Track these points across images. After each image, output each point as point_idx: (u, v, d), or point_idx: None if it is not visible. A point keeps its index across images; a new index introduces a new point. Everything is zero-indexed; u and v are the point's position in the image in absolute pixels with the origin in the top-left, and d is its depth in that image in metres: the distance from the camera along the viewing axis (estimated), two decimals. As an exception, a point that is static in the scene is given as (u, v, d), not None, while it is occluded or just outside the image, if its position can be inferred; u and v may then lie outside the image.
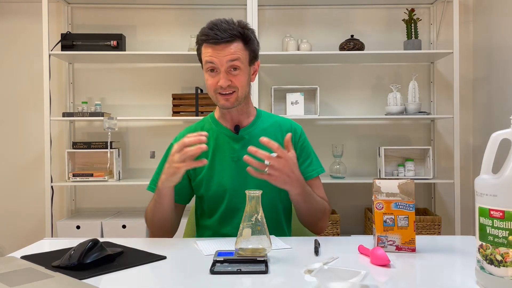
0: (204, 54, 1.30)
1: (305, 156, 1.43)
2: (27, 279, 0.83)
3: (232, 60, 1.27)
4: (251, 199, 1.03)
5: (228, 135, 1.40)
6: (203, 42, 1.29)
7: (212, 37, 1.26)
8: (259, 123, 1.43)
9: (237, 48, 1.28)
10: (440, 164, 2.90)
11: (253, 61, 1.35)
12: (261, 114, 1.47)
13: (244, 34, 1.30)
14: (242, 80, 1.31)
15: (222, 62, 1.27)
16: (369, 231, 2.70)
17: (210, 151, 1.39)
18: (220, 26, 1.27)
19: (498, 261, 0.77)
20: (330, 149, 2.79)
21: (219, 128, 1.41)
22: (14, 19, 2.87)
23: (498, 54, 2.57)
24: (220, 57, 1.27)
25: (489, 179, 0.80)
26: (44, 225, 2.61)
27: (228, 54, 1.27)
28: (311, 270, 0.90)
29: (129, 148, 2.89)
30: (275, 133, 1.42)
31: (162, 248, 1.13)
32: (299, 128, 1.46)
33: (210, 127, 1.43)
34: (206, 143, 1.25)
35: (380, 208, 1.08)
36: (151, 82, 2.89)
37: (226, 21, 1.29)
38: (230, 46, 1.27)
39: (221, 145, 1.39)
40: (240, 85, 1.30)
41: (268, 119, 1.46)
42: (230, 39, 1.27)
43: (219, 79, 1.28)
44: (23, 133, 2.88)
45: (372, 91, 2.90)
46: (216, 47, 1.27)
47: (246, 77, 1.33)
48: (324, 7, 2.90)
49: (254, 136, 1.40)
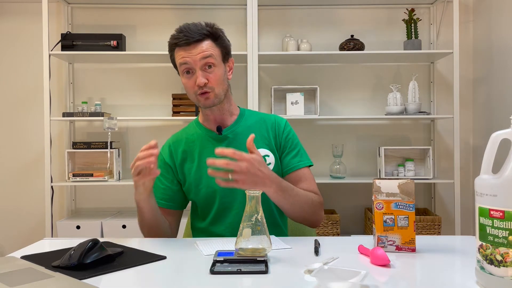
0: (177, 57, 1.32)
1: (290, 147, 1.42)
2: (27, 279, 0.83)
3: (205, 57, 1.29)
4: (251, 199, 1.03)
5: (212, 137, 1.40)
6: (175, 47, 1.32)
7: (182, 39, 1.29)
8: (242, 122, 1.43)
9: (208, 45, 1.30)
10: (440, 164, 2.90)
11: (226, 57, 1.37)
12: (244, 112, 1.47)
13: (212, 32, 1.32)
14: (218, 77, 1.32)
15: (195, 60, 1.28)
16: (369, 231, 2.70)
17: (196, 155, 1.40)
18: (188, 28, 1.30)
19: (498, 261, 0.77)
20: (330, 149, 2.79)
21: (202, 131, 1.42)
22: (14, 19, 2.87)
23: (498, 54, 2.57)
24: (193, 56, 1.28)
25: (489, 179, 0.80)
26: (44, 225, 2.61)
27: (200, 52, 1.28)
28: (311, 270, 0.90)
29: (129, 148, 2.89)
30: (260, 129, 1.42)
31: (162, 248, 1.13)
32: (282, 121, 1.46)
33: (194, 131, 1.44)
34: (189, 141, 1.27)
35: (380, 208, 1.08)
36: (151, 82, 2.89)
37: (193, 24, 1.32)
38: (201, 44, 1.29)
39: (206, 147, 1.40)
40: (217, 83, 1.31)
41: (252, 116, 1.46)
42: (200, 37, 1.29)
43: (195, 79, 1.29)
44: (23, 133, 2.88)
45: (372, 91, 2.90)
46: (187, 48, 1.29)
47: (222, 73, 1.34)
48: (324, 7, 2.90)
49: (238, 134, 1.40)
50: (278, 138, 1.42)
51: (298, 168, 1.40)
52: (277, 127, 1.43)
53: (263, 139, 1.41)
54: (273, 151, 1.41)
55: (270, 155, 1.40)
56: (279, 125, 1.44)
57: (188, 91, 1.34)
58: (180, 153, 1.42)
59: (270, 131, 1.43)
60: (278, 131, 1.43)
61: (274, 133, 1.43)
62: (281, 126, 1.44)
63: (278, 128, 1.43)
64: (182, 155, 1.42)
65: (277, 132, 1.43)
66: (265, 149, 1.40)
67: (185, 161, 1.41)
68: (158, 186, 1.41)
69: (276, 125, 1.44)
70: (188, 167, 1.40)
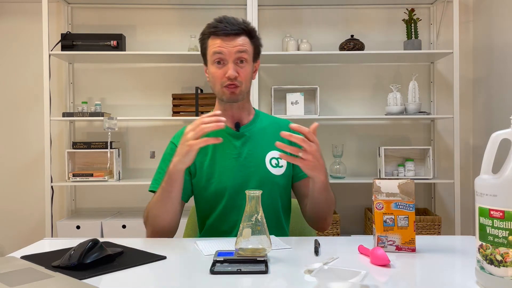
0: (211, 46, 1.32)
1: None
2: (27, 279, 0.83)
3: (240, 52, 1.30)
4: (251, 199, 1.03)
5: (229, 133, 1.40)
6: (211, 35, 1.32)
7: (221, 28, 1.30)
8: (258, 122, 1.44)
9: (245, 41, 1.32)
10: (440, 164, 2.90)
11: (256, 57, 1.39)
12: (259, 113, 1.49)
13: (250, 29, 1.34)
14: (247, 73, 1.34)
15: (231, 53, 1.30)
16: (369, 231, 2.70)
17: (210, 149, 1.39)
18: (228, 20, 1.32)
19: (498, 261, 0.77)
20: (330, 149, 2.79)
21: None
22: (14, 19, 2.87)
23: (498, 54, 2.57)
24: (229, 48, 1.30)
25: (489, 179, 0.80)
26: (44, 225, 2.61)
27: (237, 45, 1.30)
28: (311, 270, 0.90)
29: (129, 148, 2.89)
30: (274, 132, 1.42)
31: (162, 248, 1.13)
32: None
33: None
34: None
35: (380, 208, 1.08)
36: (151, 82, 2.89)
37: (232, 17, 1.34)
38: (238, 38, 1.31)
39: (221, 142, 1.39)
40: (245, 78, 1.33)
41: (267, 119, 1.48)
42: (239, 31, 1.31)
43: (226, 71, 1.30)
44: (23, 133, 2.88)
45: (372, 91, 2.90)
46: (225, 38, 1.30)
47: (250, 72, 1.36)
48: (324, 7, 2.90)
49: (254, 134, 1.41)
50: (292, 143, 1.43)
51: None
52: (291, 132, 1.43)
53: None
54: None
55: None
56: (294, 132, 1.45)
57: (215, 81, 1.34)
58: None
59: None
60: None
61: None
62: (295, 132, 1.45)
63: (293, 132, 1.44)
64: None
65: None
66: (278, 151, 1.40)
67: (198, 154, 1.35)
68: None
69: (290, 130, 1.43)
70: (200, 160, 1.39)
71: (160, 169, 1.41)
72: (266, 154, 1.39)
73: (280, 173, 1.40)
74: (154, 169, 1.45)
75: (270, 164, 1.39)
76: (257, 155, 1.38)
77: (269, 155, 1.40)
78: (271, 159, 1.40)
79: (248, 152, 1.38)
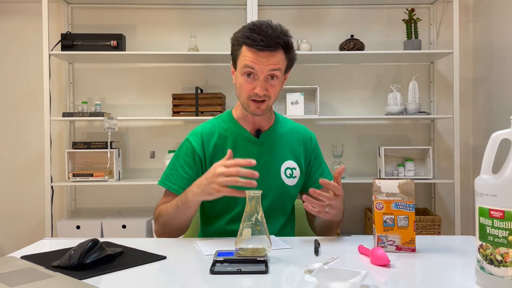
0: (243, 57, 1.25)
1: (318, 164, 1.46)
2: (27, 279, 0.83)
3: (273, 70, 1.25)
4: (251, 199, 1.04)
5: (248, 138, 1.38)
6: (245, 45, 1.24)
7: (258, 42, 1.21)
8: (277, 128, 1.42)
9: (280, 58, 1.25)
10: (440, 164, 2.90)
11: (288, 70, 1.34)
12: (279, 118, 1.45)
13: (287, 42, 1.26)
14: (277, 89, 1.30)
15: (263, 70, 1.24)
16: (369, 231, 2.70)
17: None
18: (266, 32, 1.22)
19: (498, 261, 0.77)
20: (330, 149, 2.79)
21: (238, 130, 1.38)
22: (14, 19, 2.87)
23: (498, 54, 2.57)
24: (262, 65, 1.23)
25: (489, 179, 0.80)
26: (44, 225, 2.61)
27: (271, 64, 1.24)
28: (311, 270, 0.90)
29: (129, 148, 2.89)
30: (291, 140, 1.42)
31: (162, 248, 1.13)
32: (314, 136, 1.48)
33: (228, 127, 1.39)
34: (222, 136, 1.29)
35: (380, 208, 1.08)
36: (151, 82, 2.89)
37: (270, 26, 1.25)
38: (273, 55, 1.23)
39: (239, 146, 1.37)
40: (274, 95, 1.29)
41: (286, 124, 1.46)
42: (275, 48, 1.23)
43: (255, 86, 1.26)
44: (23, 133, 2.88)
45: (372, 91, 2.90)
46: (259, 54, 1.23)
47: (280, 86, 1.32)
48: (324, 7, 2.90)
49: (273, 142, 1.39)
50: (308, 154, 1.43)
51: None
52: (309, 142, 1.44)
53: (292, 151, 1.41)
54: (300, 165, 1.41)
55: (296, 168, 1.40)
56: (311, 140, 1.45)
57: (242, 93, 1.29)
58: (212, 146, 1.37)
59: (302, 144, 1.43)
60: (310, 147, 1.44)
61: (305, 148, 1.43)
62: (313, 142, 1.46)
63: (310, 143, 1.44)
64: (213, 149, 1.36)
65: (308, 148, 1.44)
66: (292, 161, 1.40)
67: (215, 156, 1.36)
68: (181, 175, 1.35)
69: (308, 140, 1.44)
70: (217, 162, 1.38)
71: (172, 165, 1.39)
72: (281, 164, 1.38)
73: (294, 183, 1.40)
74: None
75: (285, 175, 1.38)
76: (274, 165, 1.37)
77: (284, 165, 1.39)
78: (286, 169, 1.39)
79: (264, 161, 1.36)
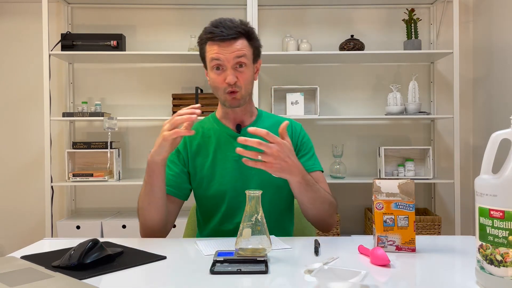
0: (209, 52, 1.30)
1: (305, 150, 1.43)
2: (27, 279, 0.83)
3: (239, 57, 1.28)
4: (251, 199, 1.03)
5: (230, 134, 1.40)
6: (208, 40, 1.30)
7: (217, 34, 1.27)
8: (260, 123, 1.43)
9: (243, 44, 1.29)
10: (440, 164, 2.90)
11: (256, 59, 1.37)
12: (262, 114, 1.47)
13: (248, 31, 1.31)
14: (247, 77, 1.31)
15: (229, 58, 1.27)
16: (369, 231, 2.70)
17: (211, 151, 1.39)
18: (225, 24, 1.28)
19: (498, 261, 0.77)
20: (330, 149, 2.79)
21: (220, 128, 1.41)
22: (14, 19, 2.87)
23: (498, 54, 2.57)
24: (227, 54, 1.27)
25: (489, 179, 0.80)
26: (44, 225, 2.61)
27: (234, 51, 1.27)
28: (311, 270, 0.90)
29: (129, 148, 2.89)
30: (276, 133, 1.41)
31: (162, 248, 1.13)
32: (298, 126, 1.47)
33: (211, 127, 1.42)
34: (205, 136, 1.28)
35: (380, 208, 1.08)
36: (151, 82, 2.89)
37: (229, 19, 1.31)
38: (236, 43, 1.28)
39: (222, 144, 1.39)
40: (245, 82, 1.31)
41: (269, 119, 1.47)
42: (236, 35, 1.28)
43: (225, 77, 1.28)
44: (23, 133, 2.88)
45: (372, 91, 2.90)
46: (222, 44, 1.27)
47: (251, 75, 1.34)
48: (324, 7, 2.90)
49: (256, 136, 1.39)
50: (294, 140, 1.43)
51: (312, 171, 1.40)
52: (294, 130, 1.44)
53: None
54: None
55: None
56: (295, 128, 1.45)
57: (216, 87, 1.32)
58: (195, 145, 1.40)
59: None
60: (294, 134, 1.44)
61: (291, 135, 1.43)
62: (297, 130, 1.45)
63: (294, 131, 1.44)
64: (196, 148, 1.40)
65: (293, 135, 1.43)
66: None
67: (198, 155, 1.39)
68: (167, 172, 1.36)
69: (292, 128, 1.44)
70: (200, 161, 1.39)
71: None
72: None
73: None
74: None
75: None
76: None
77: None
78: None
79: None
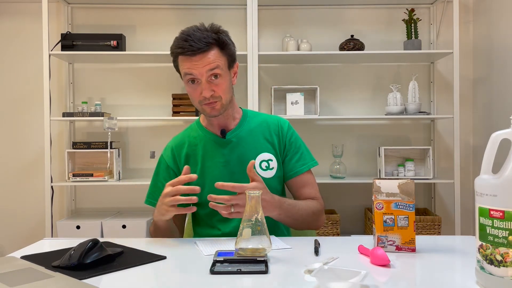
0: (181, 66, 1.27)
1: (294, 150, 1.42)
2: (27, 279, 0.83)
3: (212, 69, 1.25)
4: (251, 199, 1.03)
5: (215, 141, 1.39)
6: (179, 55, 1.26)
7: (187, 48, 1.22)
8: (245, 125, 1.42)
9: (215, 55, 1.25)
10: (440, 164, 2.90)
11: (232, 64, 1.33)
12: (247, 114, 1.45)
13: (219, 39, 1.26)
14: (224, 87, 1.29)
15: (202, 72, 1.24)
16: (369, 231, 2.70)
17: (200, 158, 1.39)
18: (194, 36, 1.23)
19: (498, 261, 0.77)
20: (330, 149, 2.79)
21: (206, 135, 1.41)
22: (14, 19, 2.87)
23: (498, 54, 2.57)
24: (199, 68, 1.24)
25: (489, 179, 0.80)
26: (44, 225, 2.61)
27: (206, 64, 1.24)
28: (311, 270, 0.90)
29: (129, 148, 2.89)
30: (263, 132, 1.42)
31: (162, 248, 1.13)
32: (285, 124, 1.45)
33: (197, 134, 1.42)
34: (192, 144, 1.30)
35: (380, 208, 1.08)
36: (151, 82, 2.89)
37: (198, 28, 1.26)
38: (207, 55, 1.24)
39: (209, 151, 1.39)
40: (223, 93, 1.29)
41: (255, 118, 1.45)
42: (206, 48, 1.23)
43: (201, 90, 1.26)
44: (23, 133, 2.88)
45: (372, 91, 2.90)
46: (193, 58, 1.23)
47: (228, 83, 1.31)
48: (324, 7, 2.90)
49: (242, 138, 1.39)
50: (281, 141, 1.42)
51: (301, 173, 1.41)
52: (280, 130, 1.43)
53: (266, 143, 1.40)
54: (276, 155, 1.40)
55: (273, 159, 1.40)
56: (282, 128, 1.43)
57: (193, 100, 1.31)
58: (183, 157, 1.41)
59: (274, 134, 1.42)
60: (282, 134, 1.42)
61: (278, 136, 1.42)
62: (284, 129, 1.43)
63: (281, 131, 1.43)
64: (185, 159, 1.40)
65: (280, 135, 1.42)
66: (268, 153, 1.39)
67: (188, 164, 1.39)
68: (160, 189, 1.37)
69: (279, 128, 1.43)
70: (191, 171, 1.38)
71: (153, 183, 1.44)
72: (255, 158, 1.38)
73: (271, 175, 1.39)
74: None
75: (260, 168, 1.37)
76: (247, 160, 1.35)
77: (259, 158, 1.38)
78: (261, 162, 1.38)
79: (237, 158, 1.37)
